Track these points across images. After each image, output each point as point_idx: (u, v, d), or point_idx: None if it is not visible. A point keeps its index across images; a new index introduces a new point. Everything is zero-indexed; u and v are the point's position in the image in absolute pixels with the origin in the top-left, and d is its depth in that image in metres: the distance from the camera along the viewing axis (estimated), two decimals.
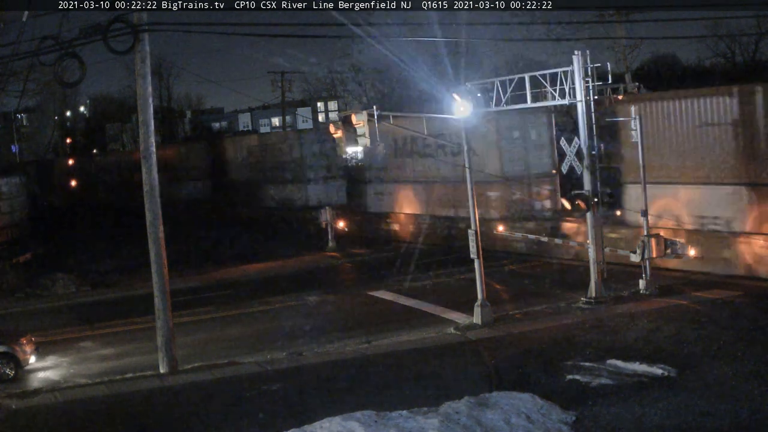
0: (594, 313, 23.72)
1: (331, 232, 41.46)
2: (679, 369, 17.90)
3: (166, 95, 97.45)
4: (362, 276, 34.44)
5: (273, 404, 17.89)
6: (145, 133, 21.40)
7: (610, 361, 18.79)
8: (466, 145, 24.58)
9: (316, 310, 28.44)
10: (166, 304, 21.48)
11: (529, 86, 26.98)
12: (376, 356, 21.26)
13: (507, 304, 26.19)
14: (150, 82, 21.32)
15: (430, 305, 27.19)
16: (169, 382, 20.37)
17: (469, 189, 24.34)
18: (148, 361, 22.19)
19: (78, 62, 20.57)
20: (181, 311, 26.20)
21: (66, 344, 25.69)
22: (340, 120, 29.26)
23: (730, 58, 69.60)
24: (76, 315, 30.84)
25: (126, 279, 37.08)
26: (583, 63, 24.89)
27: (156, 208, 21.33)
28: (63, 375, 22.28)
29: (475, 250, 23.98)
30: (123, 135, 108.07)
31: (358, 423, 15.09)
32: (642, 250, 25.29)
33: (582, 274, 26.50)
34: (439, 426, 14.85)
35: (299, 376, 19.99)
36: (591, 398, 16.55)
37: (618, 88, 33.87)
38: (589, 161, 25.06)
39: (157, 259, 21.40)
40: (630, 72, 50.80)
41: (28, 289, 35.20)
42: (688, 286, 26.14)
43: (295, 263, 38.96)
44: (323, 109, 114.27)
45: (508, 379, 18.41)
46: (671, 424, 14.91)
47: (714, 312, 22.59)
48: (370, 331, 24.23)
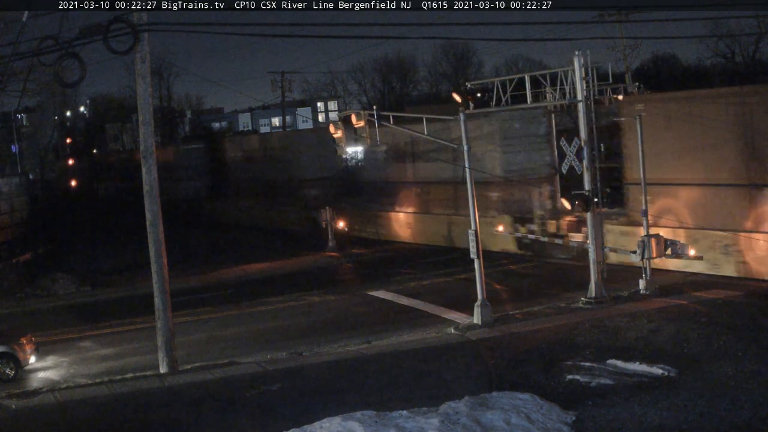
0: (594, 313, 23.72)
1: (331, 231, 41.48)
2: (679, 369, 17.90)
3: (166, 95, 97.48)
4: (362, 276, 34.45)
5: (273, 404, 17.89)
6: (145, 133, 21.41)
7: (610, 361, 18.79)
8: (466, 145, 24.57)
9: (316, 310, 28.44)
10: (166, 304, 21.48)
11: (529, 86, 27.00)
12: (376, 356, 21.26)
13: (507, 304, 26.19)
14: (150, 82, 21.33)
15: (430, 305, 27.20)
16: (169, 382, 20.37)
17: (469, 189, 24.33)
18: (148, 361, 22.20)
19: (78, 62, 20.55)
20: (181, 311, 26.21)
21: (66, 344, 25.70)
22: (340, 120, 29.23)
23: (730, 58, 69.63)
24: (76, 315, 30.86)
25: (126, 279, 37.09)
26: (584, 63, 24.89)
27: (156, 208, 21.32)
28: (63, 375, 22.28)
29: (475, 250, 23.98)
30: (123, 135, 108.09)
31: (358, 423, 15.09)
32: (642, 250, 25.30)
33: (582, 274, 26.49)
34: (439, 426, 14.85)
35: (299, 376, 19.98)
36: (591, 398, 16.55)
37: (618, 88, 33.85)
38: (589, 161, 25.06)
39: (157, 259, 21.40)
40: (630, 72, 50.81)
41: (28, 289, 35.22)
42: (688, 286, 26.15)
43: (295, 263, 38.98)
44: (323, 109, 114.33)
45: (508, 379, 18.40)
46: (671, 424, 14.91)
47: (714, 312, 22.60)
48: (370, 331, 24.23)
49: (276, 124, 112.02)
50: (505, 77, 27.80)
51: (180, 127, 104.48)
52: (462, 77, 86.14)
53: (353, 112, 28.61)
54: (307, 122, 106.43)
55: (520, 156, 35.81)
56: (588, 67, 25.13)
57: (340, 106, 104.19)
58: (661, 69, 74.28)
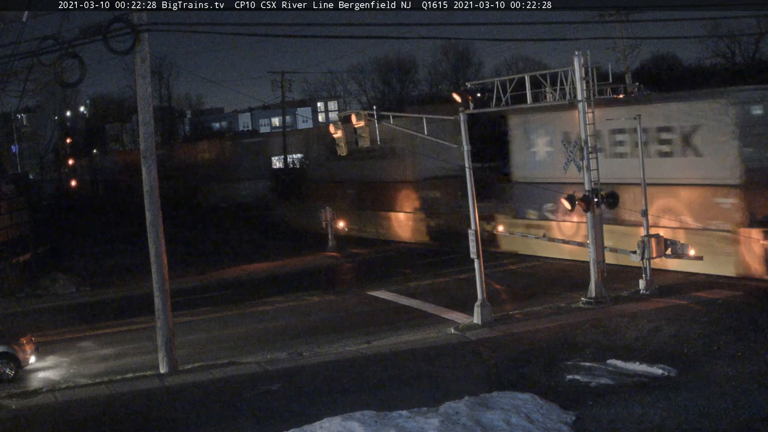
0: (594, 313, 23.71)
1: (331, 232, 41.46)
2: (679, 369, 17.89)
3: (166, 95, 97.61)
4: (362, 276, 34.45)
5: (273, 404, 17.88)
6: (145, 133, 21.41)
7: (610, 361, 18.78)
8: (466, 145, 24.56)
9: (316, 310, 28.44)
10: (166, 304, 21.48)
11: (529, 86, 26.99)
12: (376, 356, 21.25)
13: (507, 304, 26.19)
14: (150, 82, 21.34)
15: (430, 305, 27.20)
16: (169, 382, 20.37)
17: (469, 189, 24.32)
18: (148, 361, 22.20)
19: (78, 62, 20.57)
20: (181, 311, 26.22)
21: (66, 344, 25.70)
22: (340, 120, 29.23)
23: (730, 58, 69.58)
24: (76, 315, 30.87)
25: (126, 279, 37.10)
26: (584, 63, 24.87)
27: (156, 208, 21.33)
28: (63, 375, 22.29)
29: (475, 250, 23.97)
30: (123, 135, 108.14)
31: (358, 423, 15.09)
32: (642, 250, 25.29)
33: (582, 274, 26.48)
34: (439, 426, 14.85)
35: (299, 376, 19.98)
36: (591, 398, 16.54)
37: (618, 88, 33.82)
38: (589, 161, 25.04)
39: (157, 259, 21.40)
40: (630, 72, 50.78)
41: (28, 289, 35.23)
42: (688, 286, 26.14)
43: (295, 263, 38.98)
44: (323, 109, 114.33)
45: (508, 379, 18.40)
46: (671, 424, 14.90)
47: (714, 312, 22.59)
48: (370, 331, 24.23)
49: (276, 124, 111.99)
50: (505, 77, 27.79)
51: (180, 127, 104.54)
52: (462, 77, 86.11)
53: (353, 112, 28.61)
54: (307, 122, 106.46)
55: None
56: (588, 67, 25.09)
57: (340, 106, 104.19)
58: (661, 69, 74.17)
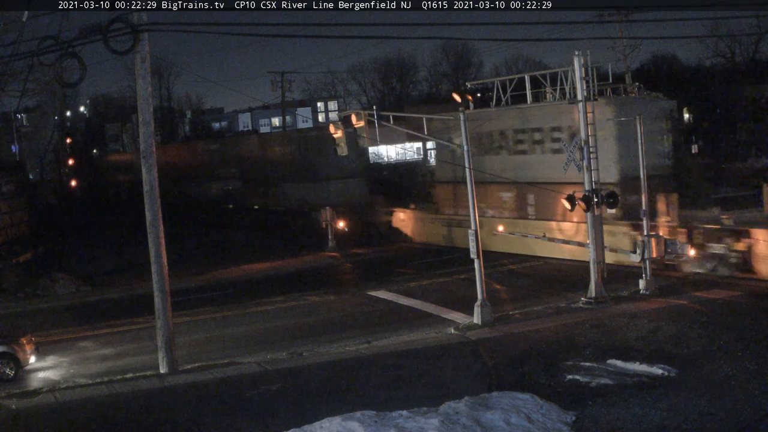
0: (594, 313, 23.72)
1: (331, 231, 41.45)
2: (680, 369, 17.89)
3: (166, 95, 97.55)
4: (362, 276, 34.44)
5: (273, 404, 17.88)
6: (145, 133, 21.40)
7: (610, 361, 18.78)
8: (465, 145, 24.57)
9: (316, 310, 28.43)
10: (166, 304, 21.47)
11: (529, 86, 27.02)
12: (376, 356, 21.25)
13: (507, 304, 26.18)
14: (150, 82, 21.32)
15: (430, 305, 27.19)
16: (169, 382, 20.36)
17: (469, 189, 24.32)
18: (148, 361, 22.19)
19: (78, 62, 20.56)
20: (181, 311, 26.20)
21: (66, 344, 25.68)
22: (340, 120, 29.23)
23: (730, 58, 69.58)
24: (76, 315, 30.84)
25: (126, 279, 37.08)
26: (584, 63, 24.88)
27: (156, 208, 21.32)
28: (63, 375, 22.26)
29: (475, 250, 23.97)
30: (123, 135, 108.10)
31: (358, 423, 15.09)
32: (642, 250, 25.28)
33: (582, 274, 26.49)
34: (439, 426, 14.85)
35: (299, 376, 19.98)
36: (591, 398, 16.54)
37: (618, 88, 33.88)
38: (589, 161, 25.04)
39: (157, 259, 21.39)
40: (630, 72, 50.83)
41: (28, 289, 35.19)
42: (688, 286, 26.14)
43: (295, 263, 38.96)
44: (323, 109, 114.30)
45: (508, 379, 18.40)
46: (672, 424, 14.90)
47: (714, 312, 22.59)
48: (370, 331, 24.22)
49: (276, 124, 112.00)
50: (505, 77, 27.86)
51: (180, 127, 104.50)
52: (462, 77, 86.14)
53: (353, 112, 28.61)
54: (307, 122, 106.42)
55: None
56: (588, 67, 25.10)
57: (340, 106, 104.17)
58: (661, 69, 74.19)
